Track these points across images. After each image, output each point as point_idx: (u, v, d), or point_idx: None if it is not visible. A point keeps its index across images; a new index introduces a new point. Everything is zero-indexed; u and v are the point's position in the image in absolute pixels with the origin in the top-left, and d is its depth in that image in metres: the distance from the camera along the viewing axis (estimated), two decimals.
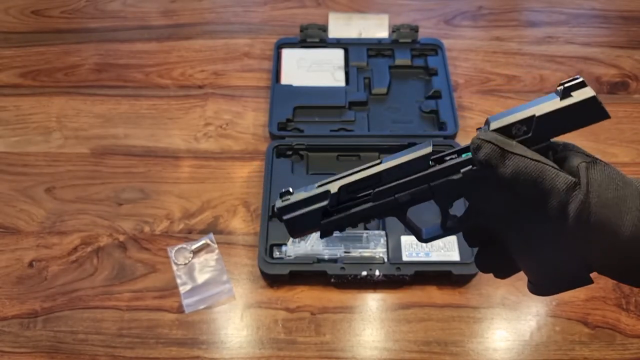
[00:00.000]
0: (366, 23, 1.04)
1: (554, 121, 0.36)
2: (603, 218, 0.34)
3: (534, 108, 0.36)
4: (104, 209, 0.82)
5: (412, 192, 0.41)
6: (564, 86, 0.35)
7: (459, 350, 0.70)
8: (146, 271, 0.76)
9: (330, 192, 0.42)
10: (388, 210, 0.42)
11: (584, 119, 0.36)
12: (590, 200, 0.34)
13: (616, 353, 0.69)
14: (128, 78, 0.99)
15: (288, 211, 0.43)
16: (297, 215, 0.43)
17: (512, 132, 0.36)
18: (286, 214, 0.43)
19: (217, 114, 0.94)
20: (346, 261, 0.73)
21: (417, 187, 0.40)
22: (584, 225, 0.34)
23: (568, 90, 0.35)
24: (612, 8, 1.12)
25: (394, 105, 0.93)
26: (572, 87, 0.35)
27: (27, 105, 0.96)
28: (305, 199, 0.43)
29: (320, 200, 0.42)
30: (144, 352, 0.70)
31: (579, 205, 0.33)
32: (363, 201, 0.42)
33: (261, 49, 1.04)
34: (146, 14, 1.11)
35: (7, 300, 0.74)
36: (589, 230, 0.34)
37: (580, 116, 0.36)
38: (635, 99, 0.96)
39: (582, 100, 0.35)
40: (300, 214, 0.43)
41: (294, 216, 0.43)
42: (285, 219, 0.43)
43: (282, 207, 0.43)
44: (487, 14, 1.11)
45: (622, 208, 0.34)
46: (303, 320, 0.72)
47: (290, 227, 0.43)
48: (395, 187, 0.41)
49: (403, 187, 0.41)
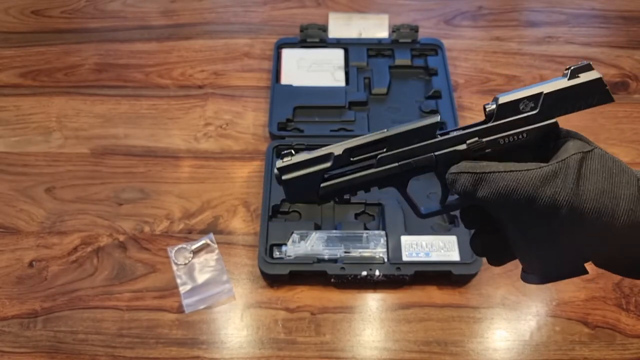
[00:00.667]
0: (366, 23, 1.04)
1: (561, 99, 0.38)
2: (598, 205, 0.34)
3: (542, 86, 0.38)
4: (104, 209, 0.82)
5: (416, 160, 0.40)
6: (571, 68, 0.38)
7: (459, 350, 0.70)
8: (146, 271, 0.76)
9: (333, 154, 0.41)
10: (390, 179, 0.42)
11: (589, 100, 0.38)
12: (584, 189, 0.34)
13: (616, 353, 0.69)
14: (128, 78, 0.99)
15: (288, 171, 0.42)
16: (298, 176, 0.42)
17: (519, 108, 0.38)
18: (286, 174, 0.42)
19: (217, 114, 0.94)
20: (346, 261, 0.73)
21: (421, 155, 0.40)
22: (579, 214, 0.34)
23: (575, 71, 0.38)
24: (612, 8, 1.12)
25: (394, 105, 0.93)
26: (579, 69, 0.38)
27: (27, 105, 0.96)
28: (308, 160, 0.42)
29: (322, 162, 0.41)
30: (144, 352, 0.70)
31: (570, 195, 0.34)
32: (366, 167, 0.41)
33: (261, 49, 1.04)
34: (146, 14, 1.11)
35: (7, 300, 0.74)
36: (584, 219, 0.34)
37: (586, 97, 0.38)
38: (635, 99, 0.96)
39: (588, 80, 0.37)
40: (301, 175, 0.42)
41: (294, 177, 0.42)
42: (284, 179, 0.42)
43: (283, 167, 0.42)
44: (487, 14, 1.11)
45: (617, 195, 0.34)
46: (303, 320, 0.72)
47: (289, 189, 0.42)
48: (400, 154, 0.41)
49: (407, 154, 0.40)
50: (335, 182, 0.42)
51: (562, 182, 0.34)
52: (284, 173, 0.42)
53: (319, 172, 0.41)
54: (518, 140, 0.39)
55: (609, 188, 0.34)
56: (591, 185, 0.34)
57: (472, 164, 0.38)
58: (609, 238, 0.35)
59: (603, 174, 0.34)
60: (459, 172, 0.38)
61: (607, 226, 0.34)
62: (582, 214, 0.34)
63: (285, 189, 0.42)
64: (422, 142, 0.40)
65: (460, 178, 0.37)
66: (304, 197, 0.43)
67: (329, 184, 0.42)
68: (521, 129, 0.38)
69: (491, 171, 0.36)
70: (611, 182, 0.34)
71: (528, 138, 0.38)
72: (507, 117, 0.38)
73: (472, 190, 0.37)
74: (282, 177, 0.42)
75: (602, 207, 0.34)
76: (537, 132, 0.38)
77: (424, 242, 0.74)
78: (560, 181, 0.34)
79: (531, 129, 0.38)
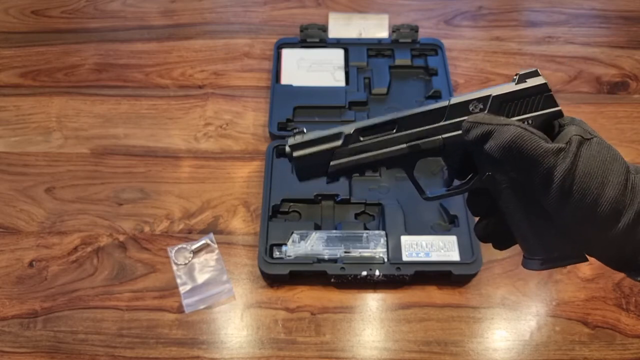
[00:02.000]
0: (366, 23, 1.04)
1: (508, 102, 0.40)
2: (585, 187, 0.35)
3: (491, 89, 0.40)
4: (104, 209, 0.82)
5: (424, 142, 0.42)
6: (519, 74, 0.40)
7: (459, 350, 0.70)
8: (146, 271, 0.76)
9: (344, 133, 0.42)
10: (398, 160, 0.43)
11: (535, 104, 0.40)
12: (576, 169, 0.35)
13: (616, 353, 0.69)
14: (128, 78, 0.99)
15: (300, 148, 0.43)
16: (308, 153, 0.42)
17: (469, 109, 0.40)
18: (297, 151, 0.43)
19: (217, 114, 0.94)
20: (346, 261, 0.73)
21: (430, 137, 0.41)
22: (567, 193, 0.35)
23: (523, 77, 0.40)
24: (612, 8, 1.12)
25: (394, 105, 0.93)
26: (527, 75, 0.40)
27: (27, 105, 0.96)
28: (319, 138, 0.43)
29: (333, 140, 0.42)
30: (144, 352, 0.70)
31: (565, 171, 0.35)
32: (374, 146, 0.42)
33: (261, 49, 1.04)
34: (146, 14, 1.11)
35: (7, 300, 0.74)
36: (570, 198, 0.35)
37: (532, 101, 0.40)
38: (635, 99, 0.96)
39: (534, 85, 0.40)
40: (312, 153, 0.42)
41: (305, 154, 0.43)
42: (295, 157, 0.43)
43: (295, 144, 0.43)
44: (487, 14, 1.11)
45: (605, 182, 0.35)
46: (303, 320, 0.72)
47: (299, 165, 0.43)
48: (409, 136, 0.42)
49: (416, 136, 0.42)
50: (344, 161, 0.42)
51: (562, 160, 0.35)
52: (295, 150, 0.43)
53: (330, 150, 0.42)
54: None
55: (598, 173, 0.35)
56: (583, 167, 0.35)
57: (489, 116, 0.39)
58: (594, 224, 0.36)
59: (596, 160, 0.36)
60: (476, 122, 0.39)
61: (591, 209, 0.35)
62: (569, 192, 0.35)
63: (295, 166, 0.43)
64: (431, 125, 0.41)
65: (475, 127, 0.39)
66: (313, 175, 0.44)
67: (338, 162, 0.42)
68: (527, 115, 0.40)
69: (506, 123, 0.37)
70: (602, 168, 0.35)
71: (533, 124, 0.39)
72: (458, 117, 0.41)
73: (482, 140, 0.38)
74: (293, 154, 0.43)
75: (587, 189, 0.35)
76: (542, 118, 0.40)
77: (424, 242, 0.74)
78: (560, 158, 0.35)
79: (537, 116, 0.40)
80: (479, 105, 0.40)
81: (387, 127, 0.42)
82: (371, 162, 0.43)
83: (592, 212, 0.35)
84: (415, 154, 0.42)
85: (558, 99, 0.40)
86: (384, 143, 0.42)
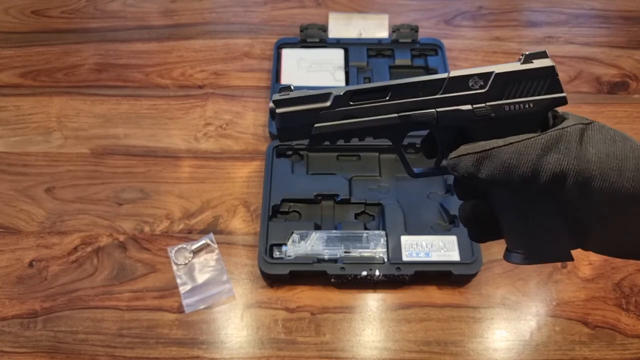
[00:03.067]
0: (366, 23, 1.04)
1: (510, 82, 0.38)
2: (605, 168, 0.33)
3: (495, 67, 0.38)
4: (104, 209, 0.82)
5: (417, 114, 0.39)
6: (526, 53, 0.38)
7: (459, 350, 0.70)
8: (146, 271, 0.76)
9: (333, 94, 0.40)
10: (387, 130, 0.40)
11: (539, 87, 0.38)
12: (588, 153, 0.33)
13: (616, 353, 0.69)
14: (128, 78, 0.99)
15: (285, 104, 0.40)
16: (293, 111, 0.40)
17: (468, 84, 0.38)
18: (281, 107, 0.40)
19: (217, 114, 0.94)
20: (346, 261, 0.73)
21: (423, 109, 0.39)
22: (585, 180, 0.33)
23: (530, 57, 0.38)
24: (612, 8, 1.12)
25: None
26: (534, 55, 0.38)
27: (27, 105, 0.96)
28: (306, 97, 0.40)
29: (321, 101, 0.40)
30: (144, 352, 0.70)
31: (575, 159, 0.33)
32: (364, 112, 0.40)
33: (261, 49, 1.04)
34: (146, 14, 1.11)
35: (7, 300, 0.74)
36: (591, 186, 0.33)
37: (537, 84, 0.38)
38: (635, 99, 0.96)
39: (540, 67, 0.38)
40: (297, 111, 0.40)
41: (289, 111, 0.40)
42: (279, 113, 0.40)
43: (279, 100, 0.40)
44: (487, 14, 1.11)
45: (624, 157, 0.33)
46: (303, 320, 0.72)
47: (282, 124, 0.40)
48: (402, 105, 0.39)
49: (410, 106, 0.39)
50: (330, 124, 0.40)
51: (565, 148, 0.33)
52: (279, 106, 0.40)
53: (316, 110, 0.40)
54: (523, 109, 0.38)
55: (613, 151, 0.33)
56: (594, 149, 0.33)
57: (471, 145, 0.37)
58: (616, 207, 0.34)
59: (606, 140, 0.34)
60: (459, 155, 0.37)
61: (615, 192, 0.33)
62: (589, 179, 0.33)
63: (278, 123, 0.40)
64: (427, 96, 0.39)
65: (462, 161, 0.37)
66: (295, 136, 0.41)
67: (323, 125, 0.40)
68: (529, 97, 0.38)
69: (491, 147, 0.35)
70: (615, 147, 0.33)
71: (534, 109, 0.38)
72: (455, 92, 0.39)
73: (475, 170, 0.36)
74: (276, 110, 0.40)
75: (609, 169, 0.33)
76: (544, 103, 0.38)
77: (424, 242, 0.74)
78: (563, 147, 0.34)
79: (539, 100, 0.38)
80: (479, 82, 0.38)
81: (380, 94, 0.40)
82: (359, 129, 0.40)
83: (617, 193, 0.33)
84: (406, 126, 0.40)
85: None
86: (374, 110, 0.40)
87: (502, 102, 0.38)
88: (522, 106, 0.38)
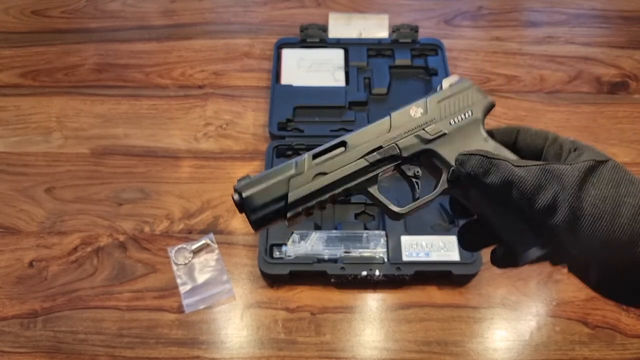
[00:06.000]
0: (366, 23, 1.04)
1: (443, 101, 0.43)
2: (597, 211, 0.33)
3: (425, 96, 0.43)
4: (104, 209, 0.82)
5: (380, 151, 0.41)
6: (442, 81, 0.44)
7: (459, 350, 0.70)
8: (146, 271, 0.76)
9: (295, 161, 0.40)
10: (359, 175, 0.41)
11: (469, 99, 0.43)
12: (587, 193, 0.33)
13: (616, 353, 0.69)
14: (128, 78, 0.99)
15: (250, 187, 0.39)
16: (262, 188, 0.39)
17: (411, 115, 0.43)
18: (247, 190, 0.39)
19: (217, 114, 0.94)
20: (346, 261, 0.73)
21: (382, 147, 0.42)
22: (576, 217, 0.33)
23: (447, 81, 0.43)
24: (612, 8, 1.12)
25: (394, 105, 0.92)
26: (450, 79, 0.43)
27: (27, 105, 0.96)
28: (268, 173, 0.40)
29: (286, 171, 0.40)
30: (144, 352, 0.70)
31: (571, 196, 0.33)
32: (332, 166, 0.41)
33: (261, 49, 1.04)
34: (146, 14, 1.11)
35: (7, 300, 0.74)
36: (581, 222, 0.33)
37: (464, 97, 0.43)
38: (635, 99, 0.96)
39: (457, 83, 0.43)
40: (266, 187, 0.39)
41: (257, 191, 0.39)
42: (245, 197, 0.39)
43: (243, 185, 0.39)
44: (487, 14, 1.11)
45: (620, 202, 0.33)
46: (303, 320, 0.72)
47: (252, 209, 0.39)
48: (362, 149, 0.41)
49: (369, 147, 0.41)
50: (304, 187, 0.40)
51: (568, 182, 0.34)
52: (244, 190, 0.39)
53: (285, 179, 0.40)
54: (467, 118, 0.42)
55: (612, 195, 0.33)
56: (594, 191, 0.33)
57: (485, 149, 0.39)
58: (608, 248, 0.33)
59: (610, 183, 0.34)
60: (471, 154, 0.38)
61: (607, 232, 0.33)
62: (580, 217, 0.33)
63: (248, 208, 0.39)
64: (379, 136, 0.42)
65: (472, 160, 0.38)
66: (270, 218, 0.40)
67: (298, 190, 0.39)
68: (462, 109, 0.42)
69: (503, 158, 0.36)
70: (616, 191, 0.33)
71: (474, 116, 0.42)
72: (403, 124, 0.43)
73: (481, 173, 0.37)
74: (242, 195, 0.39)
75: (602, 212, 0.33)
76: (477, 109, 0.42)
77: (424, 242, 0.74)
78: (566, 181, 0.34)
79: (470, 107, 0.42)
80: (419, 110, 0.43)
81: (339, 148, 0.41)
82: (333, 184, 0.40)
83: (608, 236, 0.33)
84: (375, 164, 0.41)
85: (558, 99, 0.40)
86: (340, 161, 0.41)
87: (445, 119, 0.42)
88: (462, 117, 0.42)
